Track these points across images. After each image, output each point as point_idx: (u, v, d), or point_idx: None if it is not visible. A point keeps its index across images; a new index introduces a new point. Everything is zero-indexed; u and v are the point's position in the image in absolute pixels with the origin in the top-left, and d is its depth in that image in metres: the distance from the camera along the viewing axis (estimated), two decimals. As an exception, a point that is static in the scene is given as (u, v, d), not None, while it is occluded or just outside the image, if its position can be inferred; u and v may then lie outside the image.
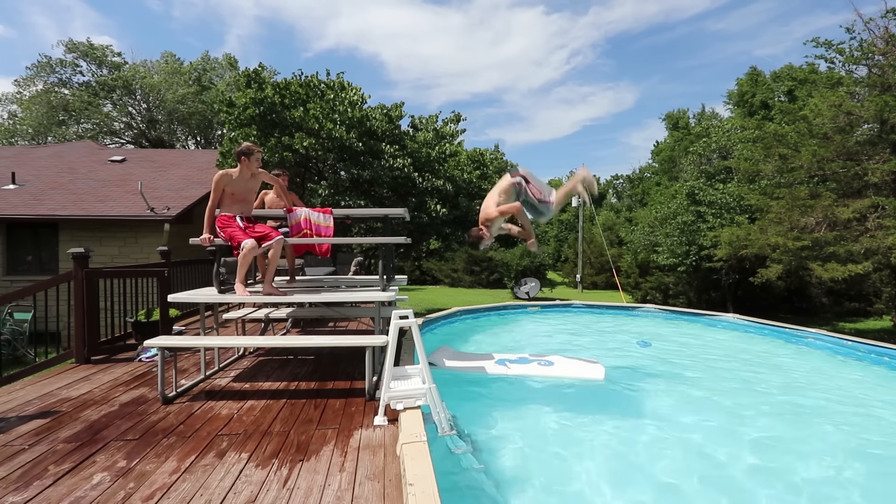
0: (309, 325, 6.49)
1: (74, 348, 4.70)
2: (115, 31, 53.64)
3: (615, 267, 21.84)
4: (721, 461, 3.35)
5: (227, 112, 10.17)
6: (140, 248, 10.99)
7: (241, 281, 3.87)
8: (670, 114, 37.18)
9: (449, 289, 27.01)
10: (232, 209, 3.96)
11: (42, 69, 26.95)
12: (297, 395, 3.82)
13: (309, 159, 10.47)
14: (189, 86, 28.91)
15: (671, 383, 4.94)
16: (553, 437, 3.64)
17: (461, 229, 12.31)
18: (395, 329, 3.29)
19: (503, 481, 2.92)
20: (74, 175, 13.45)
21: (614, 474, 3.16)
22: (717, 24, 75.37)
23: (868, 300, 17.39)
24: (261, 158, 4.15)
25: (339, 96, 10.09)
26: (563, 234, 41.36)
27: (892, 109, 10.26)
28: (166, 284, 5.25)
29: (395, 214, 4.56)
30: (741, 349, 6.51)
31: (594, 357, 5.26)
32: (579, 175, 4.14)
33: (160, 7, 56.04)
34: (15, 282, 10.69)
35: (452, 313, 7.78)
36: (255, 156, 4.03)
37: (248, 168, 3.99)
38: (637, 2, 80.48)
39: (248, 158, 3.97)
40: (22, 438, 2.96)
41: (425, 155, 10.73)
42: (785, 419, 4.06)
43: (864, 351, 5.84)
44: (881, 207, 10.59)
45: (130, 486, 2.40)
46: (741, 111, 26.84)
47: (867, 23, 11.47)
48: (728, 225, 15.77)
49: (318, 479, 2.49)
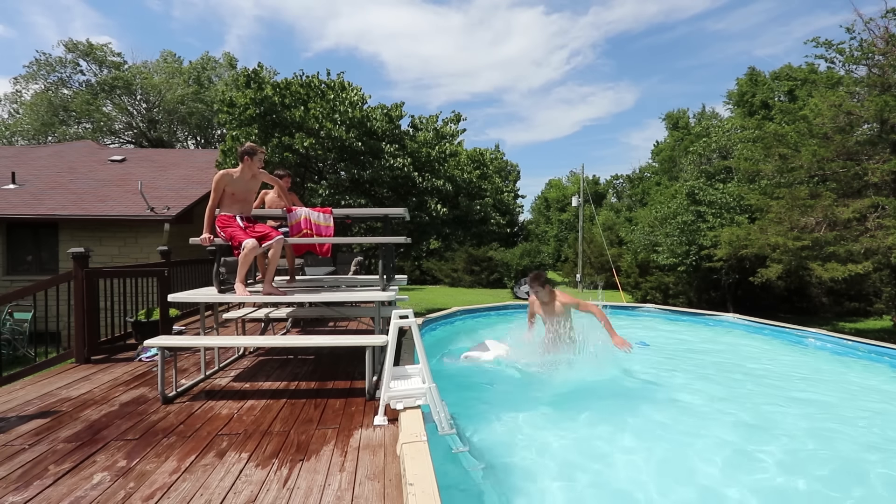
0: (309, 325, 6.49)
1: (74, 348, 4.70)
2: (115, 31, 53.80)
3: (615, 267, 21.84)
4: (721, 461, 3.35)
5: (227, 112, 10.17)
6: (140, 247, 11.00)
7: (241, 281, 3.87)
8: (670, 114, 37.19)
9: (449, 289, 27.00)
10: (232, 209, 3.96)
11: (41, 67, 26.89)
12: (297, 394, 3.82)
13: (309, 159, 10.47)
14: (189, 86, 28.89)
15: (672, 383, 4.94)
16: (553, 436, 3.64)
17: (461, 229, 12.33)
18: (395, 329, 3.29)
19: (503, 481, 2.92)
20: (74, 175, 13.45)
21: (615, 474, 3.16)
22: (717, 24, 75.43)
23: (868, 300, 17.40)
24: (263, 159, 4.16)
25: (339, 96, 10.09)
26: (563, 234, 41.36)
27: (891, 109, 10.26)
28: (166, 284, 5.25)
29: (395, 214, 4.56)
30: (741, 349, 6.51)
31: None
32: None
33: (160, 7, 56.12)
34: (15, 282, 10.69)
35: (452, 313, 7.77)
36: (258, 156, 4.04)
37: (249, 168, 3.99)
38: (637, 2, 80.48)
39: (250, 158, 3.97)
40: (22, 438, 2.96)
41: (425, 154, 10.73)
42: (788, 421, 4.06)
43: (864, 351, 5.84)
44: (881, 207, 10.58)
45: (130, 486, 2.40)
46: (741, 111, 26.84)
47: (867, 23, 11.47)
48: (728, 225, 15.77)
49: (318, 478, 2.49)
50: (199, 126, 30.11)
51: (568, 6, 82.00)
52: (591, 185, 42.59)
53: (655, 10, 79.21)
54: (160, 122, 29.68)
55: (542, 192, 51.66)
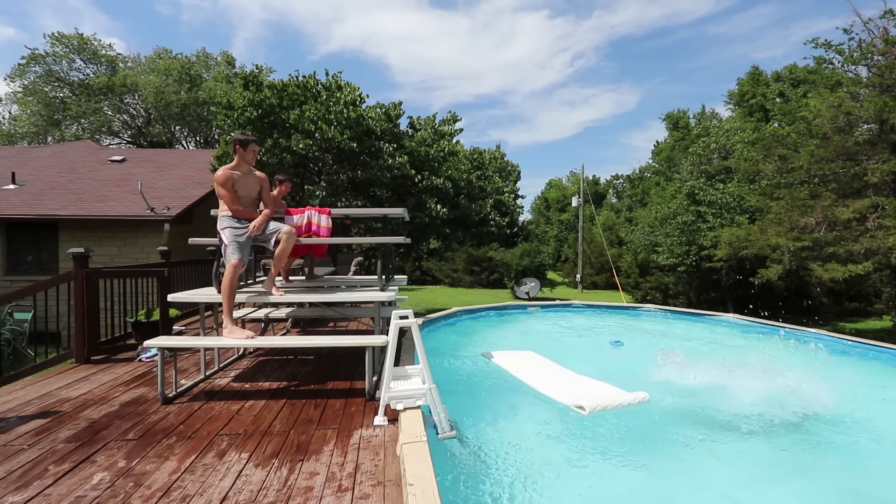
0: (309, 325, 6.49)
1: (74, 348, 4.70)
2: (124, 34, 54.02)
3: (615, 267, 21.84)
4: (721, 460, 3.35)
5: (225, 115, 10.09)
6: (140, 248, 10.99)
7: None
8: (670, 114, 37.14)
9: (449, 289, 26.99)
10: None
11: (35, 62, 26.53)
12: (297, 395, 3.82)
13: (307, 160, 10.47)
14: (186, 87, 28.71)
15: (673, 384, 4.93)
16: (554, 436, 3.63)
17: (461, 229, 12.32)
18: (395, 329, 3.29)
19: (503, 481, 2.92)
20: (74, 175, 13.45)
21: (615, 474, 3.16)
22: (718, 27, 75.69)
23: (868, 300, 17.39)
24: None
25: (333, 97, 10.04)
26: (563, 234, 41.35)
27: (891, 110, 10.26)
28: (166, 284, 5.25)
29: (394, 214, 4.56)
30: (740, 348, 6.51)
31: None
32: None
33: (169, 10, 56.29)
34: (15, 282, 10.69)
35: (452, 313, 7.77)
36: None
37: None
38: (640, 6, 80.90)
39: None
40: (22, 438, 2.96)
41: (424, 153, 10.72)
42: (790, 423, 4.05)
43: (864, 351, 5.84)
44: (881, 207, 10.58)
45: (130, 486, 2.40)
46: (741, 111, 26.84)
47: (866, 23, 11.47)
48: (728, 225, 15.77)
49: (318, 479, 2.49)
50: (199, 126, 30.01)
51: (572, 10, 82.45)
52: (591, 185, 42.59)
53: (658, 15, 79.65)
54: (159, 122, 29.61)
55: (542, 192, 51.68)
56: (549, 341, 7.09)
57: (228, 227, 3.77)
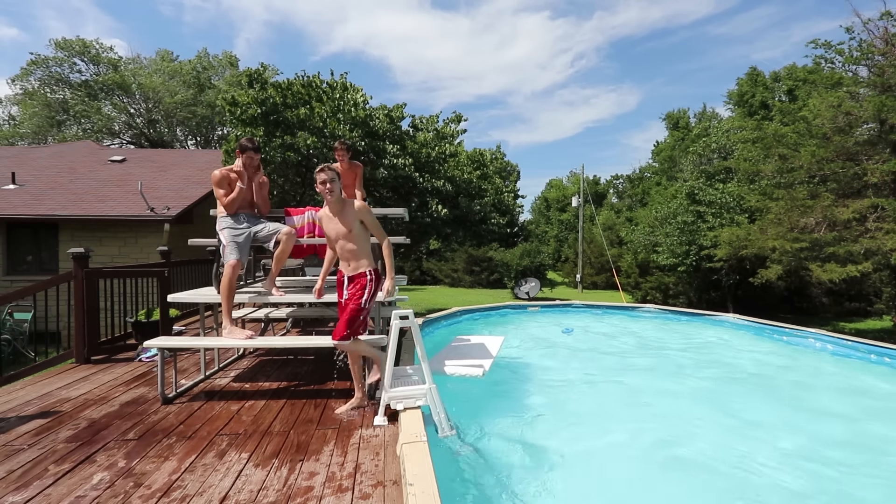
0: (309, 325, 6.49)
1: (74, 348, 4.70)
2: (127, 34, 54.29)
3: (615, 267, 21.83)
4: (723, 459, 3.35)
5: (230, 111, 10.15)
6: (140, 248, 11.00)
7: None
8: (670, 114, 37.14)
9: (449, 289, 26.99)
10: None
11: (38, 66, 26.68)
12: (297, 395, 3.82)
13: (311, 159, 10.47)
14: (188, 88, 28.76)
15: (674, 385, 4.94)
16: (554, 436, 3.64)
17: (461, 229, 12.31)
18: (396, 329, 3.29)
19: (503, 481, 2.92)
20: (74, 175, 13.45)
21: (615, 474, 3.16)
22: (718, 28, 75.81)
23: (868, 300, 17.40)
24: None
25: (344, 96, 10.12)
26: (563, 234, 41.32)
27: (890, 110, 10.26)
28: (166, 284, 5.25)
29: (394, 214, 4.57)
30: (740, 348, 6.51)
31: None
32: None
33: (171, 12, 56.41)
34: (15, 282, 10.69)
35: (452, 313, 7.77)
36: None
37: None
38: (641, 7, 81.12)
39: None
40: (22, 438, 2.96)
41: (425, 155, 10.74)
42: (788, 422, 4.06)
43: (864, 351, 5.84)
44: (881, 208, 10.58)
45: (130, 486, 2.40)
46: (741, 111, 26.82)
47: (866, 23, 11.48)
48: (728, 225, 15.76)
49: (318, 478, 2.49)
50: (200, 126, 30.03)
51: (573, 11, 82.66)
52: (591, 185, 42.55)
53: (659, 16, 79.89)
54: (160, 123, 29.62)
55: (543, 192, 51.64)
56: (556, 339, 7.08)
57: (227, 227, 3.78)
